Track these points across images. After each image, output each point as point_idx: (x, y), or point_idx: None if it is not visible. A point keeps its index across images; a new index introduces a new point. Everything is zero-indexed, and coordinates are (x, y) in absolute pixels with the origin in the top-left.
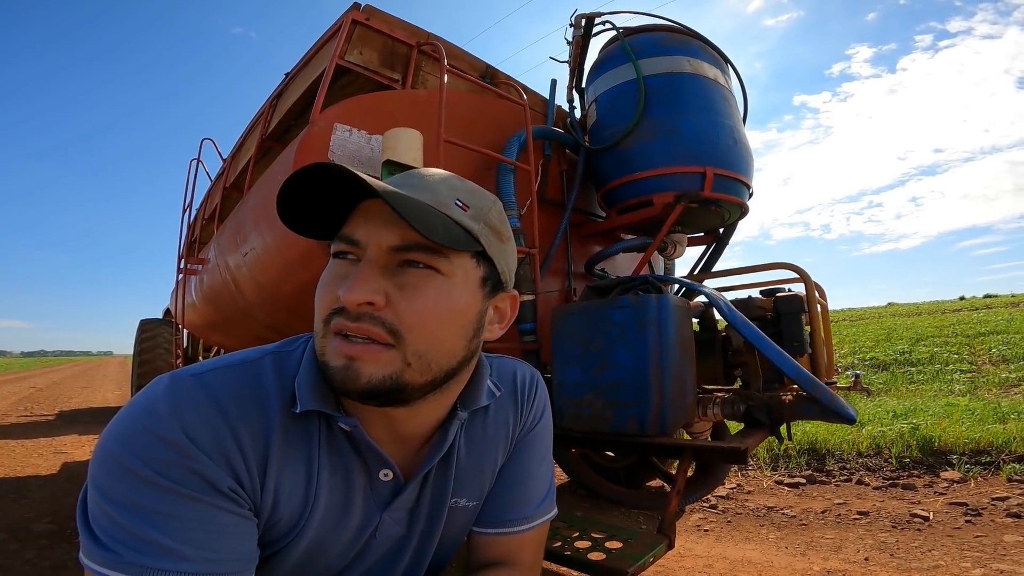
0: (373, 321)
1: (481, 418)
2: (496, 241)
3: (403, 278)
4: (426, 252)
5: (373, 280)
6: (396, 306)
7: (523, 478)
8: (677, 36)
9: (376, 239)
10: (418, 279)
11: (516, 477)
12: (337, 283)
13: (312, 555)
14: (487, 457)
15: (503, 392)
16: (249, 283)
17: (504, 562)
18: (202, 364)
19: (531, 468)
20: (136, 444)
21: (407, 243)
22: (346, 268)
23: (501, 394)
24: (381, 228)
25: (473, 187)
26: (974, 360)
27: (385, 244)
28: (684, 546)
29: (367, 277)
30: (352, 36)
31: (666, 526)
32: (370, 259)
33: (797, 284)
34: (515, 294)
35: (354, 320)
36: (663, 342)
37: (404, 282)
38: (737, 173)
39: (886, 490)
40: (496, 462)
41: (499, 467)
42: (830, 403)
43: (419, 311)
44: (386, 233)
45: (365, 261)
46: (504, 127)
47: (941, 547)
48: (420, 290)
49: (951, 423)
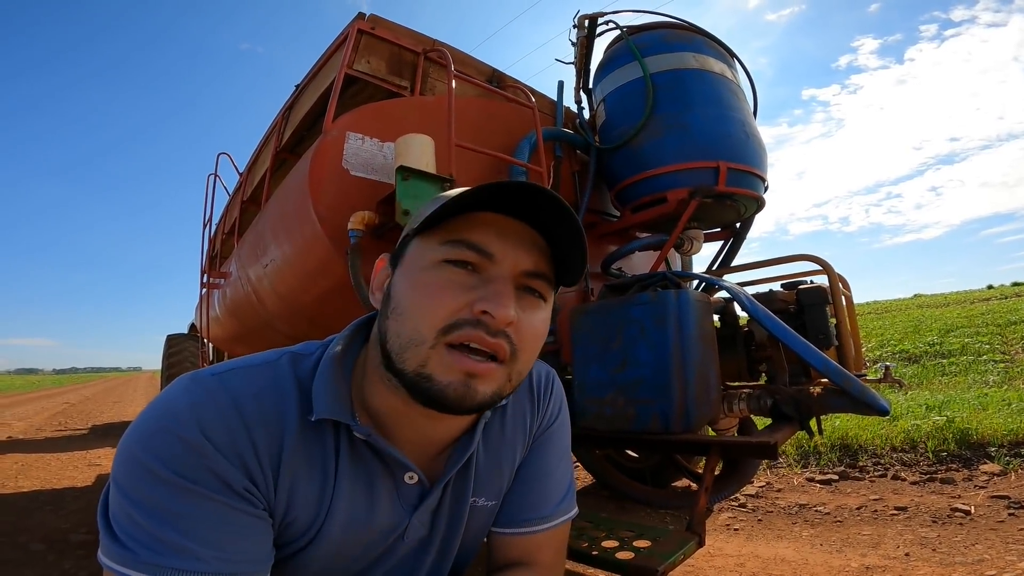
0: (507, 339)
1: (499, 417)
2: None
3: (525, 303)
4: (547, 282)
5: (514, 300)
6: (520, 327)
7: (542, 476)
8: (681, 32)
9: (514, 259)
10: (536, 305)
11: (534, 476)
12: (458, 292)
13: (335, 556)
14: (505, 456)
15: (519, 390)
16: (270, 294)
17: (524, 562)
18: (223, 364)
19: (549, 467)
20: (155, 443)
21: (538, 271)
22: (465, 278)
23: (517, 392)
24: (519, 249)
25: None
26: (1007, 350)
27: (521, 267)
28: (714, 545)
29: (512, 295)
30: (359, 46)
31: (695, 524)
32: (507, 277)
33: (819, 276)
34: None
35: (494, 336)
36: (684, 337)
37: (526, 306)
38: (751, 166)
39: (924, 485)
40: (514, 461)
41: (517, 466)
42: (861, 395)
43: (532, 336)
44: (524, 256)
45: (503, 278)
46: (513, 130)
47: (985, 541)
48: (535, 315)
49: (987, 415)
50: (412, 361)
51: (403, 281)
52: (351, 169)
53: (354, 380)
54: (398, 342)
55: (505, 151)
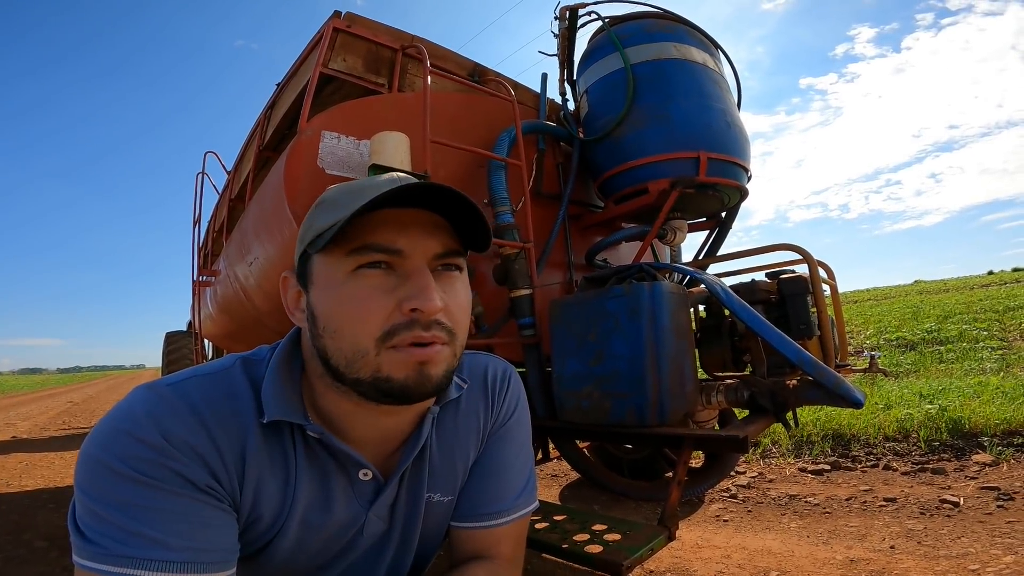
0: (439, 327)
1: (452, 413)
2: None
3: (445, 281)
4: (458, 255)
5: (435, 287)
6: (448, 308)
7: (499, 471)
8: (663, 22)
9: (423, 248)
10: (454, 280)
11: (491, 471)
12: (382, 296)
13: (296, 552)
14: (458, 451)
15: (473, 387)
16: (257, 292)
17: (484, 555)
18: (177, 374)
19: (506, 462)
20: (114, 445)
21: (448, 250)
22: (383, 279)
23: (471, 389)
24: (424, 236)
25: None
26: (1005, 336)
27: (431, 252)
28: (702, 536)
29: (432, 285)
30: (335, 44)
31: (667, 518)
32: (422, 268)
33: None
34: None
35: (428, 329)
36: (657, 330)
37: (446, 284)
38: (732, 156)
39: (914, 475)
40: (468, 456)
41: (471, 461)
42: (835, 387)
43: (460, 308)
44: (431, 242)
45: (420, 270)
46: (494, 124)
47: (971, 533)
48: (457, 289)
49: (981, 403)
50: (365, 370)
51: (324, 299)
52: (327, 168)
53: (304, 382)
54: (342, 358)
55: (485, 145)
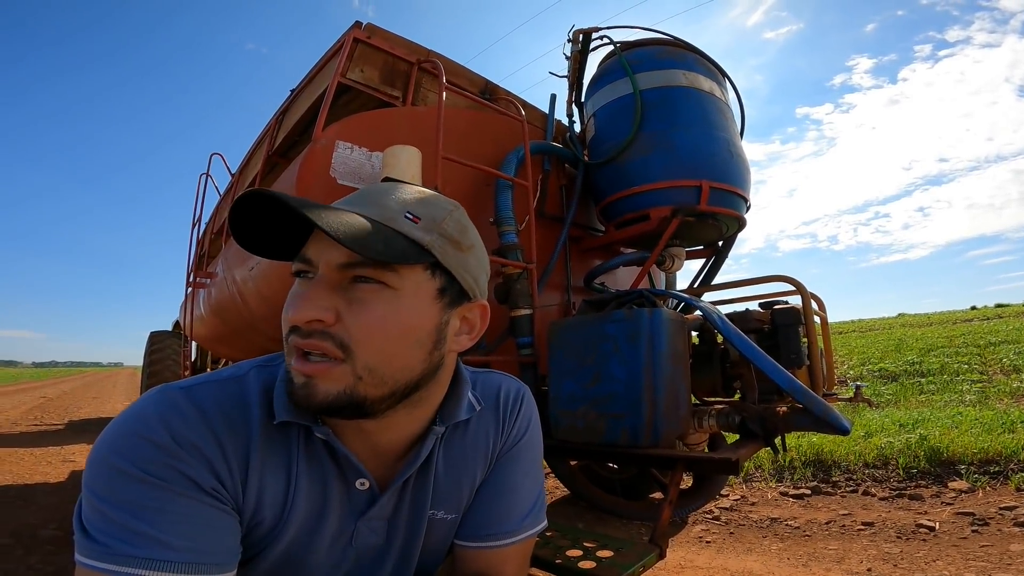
0: (323, 337)
1: (461, 432)
2: (453, 250)
3: (353, 294)
4: (373, 267)
5: (321, 298)
6: (345, 321)
7: (507, 492)
8: (673, 50)
9: (325, 258)
10: (367, 294)
11: (499, 491)
12: (294, 302)
13: (289, 558)
14: (465, 471)
15: (484, 407)
16: (255, 296)
17: (488, 575)
18: (191, 379)
19: (514, 483)
20: (124, 447)
21: (353, 260)
22: (298, 287)
23: (482, 409)
24: (329, 247)
25: (428, 198)
26: (985, 370)
27: (334, 263)
28: (685, 557)
29: (314, 295)
30: (354, 54)
31: (658, 536)
32: (320, 278)
33: (797, 296)
34: (484, 303)
35: (304, 337)
36: (656, 355)
37: (353, 297)
38: (733, 186)
39: (892, 500)
40: (475, 476)
41: (479, 481)
42: (823, 414)
43: (366, 325)
44: (333, 252)
45: (316, 280)
46: (503, 143)
47: (945, 557)
48: (368, 305)
49: (959, 433)
50: (286, 368)
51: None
52: (338, 178)
53: None
54: None
55: (493, 163)
